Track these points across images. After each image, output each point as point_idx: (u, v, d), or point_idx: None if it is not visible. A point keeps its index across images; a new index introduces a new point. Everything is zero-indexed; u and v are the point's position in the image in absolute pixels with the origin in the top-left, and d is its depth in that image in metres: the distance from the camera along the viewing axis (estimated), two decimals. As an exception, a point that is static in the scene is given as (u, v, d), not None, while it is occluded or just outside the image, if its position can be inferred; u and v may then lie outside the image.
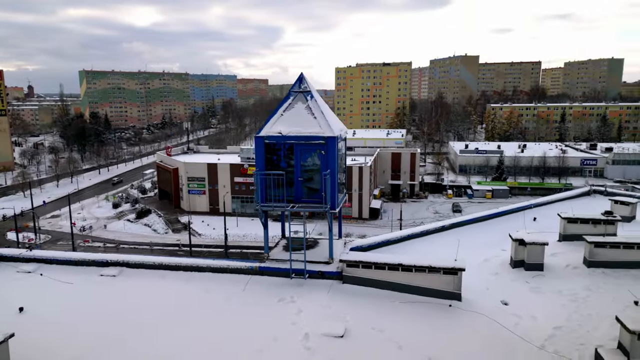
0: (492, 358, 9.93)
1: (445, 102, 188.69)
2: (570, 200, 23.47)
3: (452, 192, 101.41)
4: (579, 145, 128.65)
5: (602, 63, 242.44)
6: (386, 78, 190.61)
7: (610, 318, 11.45)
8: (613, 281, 13.66)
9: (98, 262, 14.58)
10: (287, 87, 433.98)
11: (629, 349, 8.99)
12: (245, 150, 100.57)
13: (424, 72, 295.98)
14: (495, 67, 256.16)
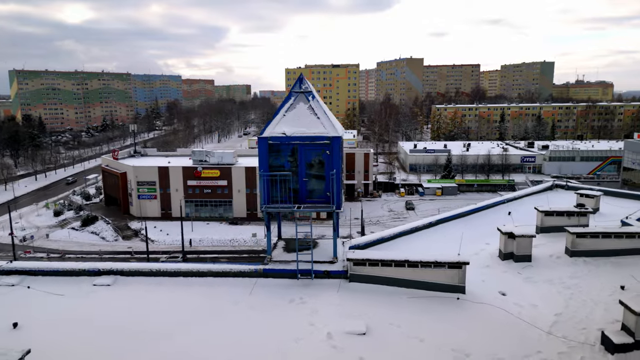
0: (509, 344, 10.42)
1: (394, 104, 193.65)
2: (536, 194, 24.96)
3: (404, 191, 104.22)
4: (518, 144, 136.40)
5: (535, 66, 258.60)
6: (336, 79, 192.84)
7: (603, 303, 12.39)
8: (595, 269, 14.73)
9: (89, 272, 13.79)
10: (234, 88, 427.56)
11: (633, 330, 9.78)
12: (198, 152, 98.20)
13: (370, 74, 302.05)
14: (438, 70, 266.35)
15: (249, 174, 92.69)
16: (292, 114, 13.48)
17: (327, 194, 13.30)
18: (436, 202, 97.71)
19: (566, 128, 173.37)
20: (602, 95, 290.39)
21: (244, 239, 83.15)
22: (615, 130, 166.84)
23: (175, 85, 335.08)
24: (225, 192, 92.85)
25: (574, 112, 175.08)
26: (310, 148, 13.12)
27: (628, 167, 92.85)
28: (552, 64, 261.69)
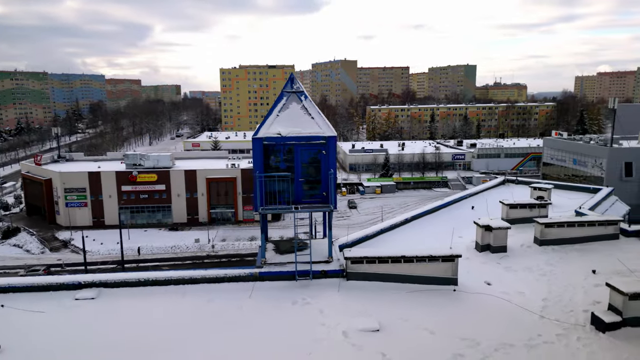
0: (511, 330, 11.05)
1: (330, 105, 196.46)
2: (491, 189, 26.58)
3: (346, 190, 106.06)
4: (448, 142, 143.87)
5: (459, 69, 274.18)
6: (272, 80, 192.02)
7: (580, 287, 13.50)
8: (565, 256, 15.99)
9: (68, 285, 12.74)
10: (163, 88, 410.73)
11: (621, 309, 10.77)
12: (131, 156, 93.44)
13: (305, 75, 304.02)
14: (371, 72, 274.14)
15: (189, 178, 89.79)
16: (285, 114, 13.34)
17: (323, 194, 13.30)
18: (377, 200, 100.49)
19: (489, 127, 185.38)
20: (518, 96, 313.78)
21: (186, 245, 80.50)
22: (532, 129, 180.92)
23: (98, 85, 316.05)
24: (164, 197, 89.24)
25: (495, 112, 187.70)
26: (306, 148, 13.07)
27: (547, 162, 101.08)
28: (475, 67, 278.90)
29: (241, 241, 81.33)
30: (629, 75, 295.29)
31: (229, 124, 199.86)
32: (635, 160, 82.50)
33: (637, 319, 10.70)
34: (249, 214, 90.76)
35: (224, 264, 72.61)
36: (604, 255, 15.70)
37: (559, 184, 27.13)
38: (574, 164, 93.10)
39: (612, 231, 16.76)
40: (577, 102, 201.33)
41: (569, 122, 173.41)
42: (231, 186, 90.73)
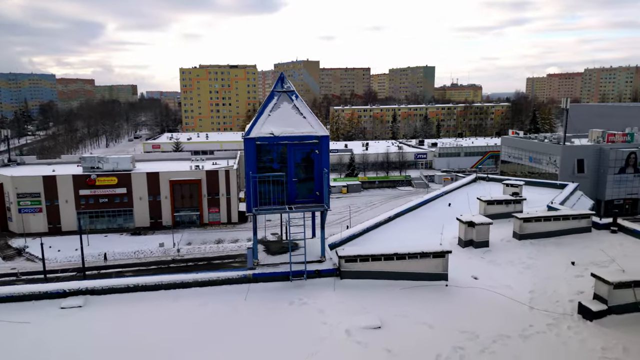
0: (506, 322, 11.43)
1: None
2: (464, 187, 27.36)
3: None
4: (410, 142, 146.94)
5: (419, 70, 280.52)
6: (234, 80, 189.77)
7: (562, 278, 14.13)
8: (543, 249, 16.69)
9: (52, 294, 12.12)
10: (118, 88, 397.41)
11: (606, 297, 11.36)
12: (88, 158, 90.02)
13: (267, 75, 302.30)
14: (333, 72, 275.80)
15: (151, 180, 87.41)
16: (277, 114, 13.24)
17: (316, 194, 13.30)
18: (343, 200, 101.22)
19: (448, 127, 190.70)
20: (474, 96, 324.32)
21: (150, 249, 78.27)
22: (488, 128, 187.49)
23: (48, 85, 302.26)
24: (125, 201, 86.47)
25: (454, 113, 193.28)
26: (299, 148, 13.02)
27: (505, 160, 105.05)
28: (433, 69, 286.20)
29: (208, 244, 79.95)
30: (577, 77, 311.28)
31: (190, 124, 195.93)
32: (587, 158, 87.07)
33: (621, 306, 11.32)
34: (214, 216, 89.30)
35: (191, 268, 71.16)
36: (579, 247, 16.51)
37: (529, 180, 28.29)
38: (530, 161, 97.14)
39: (585, 224, 17.64)
40: (529, 103, 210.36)
41: (522, 122, 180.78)
42: (196, 188, 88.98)
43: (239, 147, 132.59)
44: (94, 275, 66.91)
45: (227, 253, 76.79)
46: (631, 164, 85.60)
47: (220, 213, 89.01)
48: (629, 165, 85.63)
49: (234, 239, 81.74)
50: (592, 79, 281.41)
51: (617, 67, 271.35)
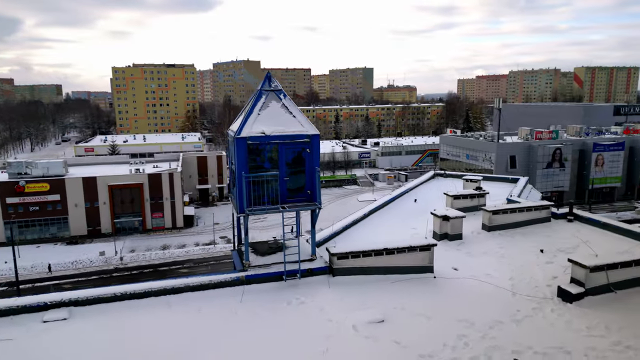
0: (496, 309, 12.09)
1: (236, 105, 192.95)
2: (425, 183, 28.40)
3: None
4: (353, 142, 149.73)
5: (358, 71, 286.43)
6: (172, 80, 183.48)
7: (535, 265, 15.14)
8: (511, 239, 17.76)
9: (32, 307, 11.22)
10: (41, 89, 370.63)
11: (583, 281, 12.35)
12: (15, 164, 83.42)
13: (205, 75, 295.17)
14: (273, 73, 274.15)
15: (88, 185, 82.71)
16: (266, 113, 13.11)
17: (307, 192, 13.31)
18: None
19: (388, 127, 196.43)
20: (409, 97, 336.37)
21: (90, 259, 74.16)
22: (425, 127, 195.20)
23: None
24: (59, 208, 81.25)
25: (393, 113, 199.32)
26: (290, 147, 12.98)
27: (444, 158, 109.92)
28: (372, 70, 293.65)
29: (153, 251, 76.92)
30: (502, 79, 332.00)
31: (124, 126, 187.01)
32: (518, 154, 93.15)
33: (596, 288, 12.35)
34: (158, 221, 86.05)
35: (136, 277, 68.19)
36: (543, 236, 17.74)
37: (486, 175, 29.88)
38: (467, 158, 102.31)
39: (546, 215, 19.00)
40: (461, 103, 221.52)
41: (456, 121, 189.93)
42: (137, 193, 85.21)
43: (180, 149, 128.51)
44: (28, 289, 62.15)
45: (174, 259, 74.33)
46: (557, 159, 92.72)
47: (164, 218, 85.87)
48: (555, 160, 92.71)
49: (180, 245, 79.26)
50: (516, 80, 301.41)
51: (538, 69, 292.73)
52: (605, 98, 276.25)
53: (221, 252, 76.51)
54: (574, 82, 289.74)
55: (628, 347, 10.10)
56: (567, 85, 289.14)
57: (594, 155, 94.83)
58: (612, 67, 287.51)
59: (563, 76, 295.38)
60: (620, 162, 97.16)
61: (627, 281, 12.61)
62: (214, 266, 71.98)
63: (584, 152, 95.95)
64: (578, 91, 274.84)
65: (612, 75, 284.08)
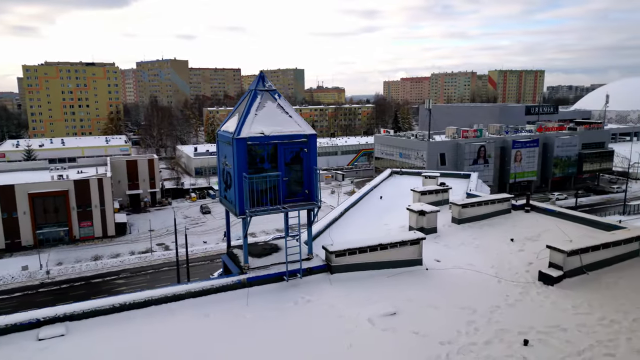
0: (488, 294, 12.93)
1: (163, 106, 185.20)
2: (384, 181, 29.30)
3: (195, 195, 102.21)
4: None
5: (289, 72, 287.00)
6: (92, 80, 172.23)
7: (509, 253, 16.32)
8: (480, 230, 18.95)
9: (23, 325, 10.23)
10: None
11: (562, 264, 13.57)
12: None
13: (127, 74, 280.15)
14: (202, 72, 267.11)
15: (4, 194, 75.97)
16: (263, 113, 12.97)
17: (305, 192, 13.36)
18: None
19: (321, 127, 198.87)
20: (338, 98, 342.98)
21: (11, 274, 68.24)
22: (357, 128, 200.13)
23: None
24: (-29, 220, 73.65)
25: (326, 113, 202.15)
26: (289, 147, 12.96)
27: (378, 157, 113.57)
28: (303, 71, 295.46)
29: (83, 262, 72.16)
30: (425, 81, 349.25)
31: (38, 129, 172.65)
32: (447, 152, 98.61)
33: (572, 271, 13.62)
34: (87, 230, 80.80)
35: (65, 291, 63.64)
36: (508, 226, 19.14)
37: (443, 172, 31.39)
38: (400, 157, 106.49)
39: (507, 207, 20.49)
40: (390, 104, 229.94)
41: (386, 121, 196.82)
42: (62, 201, 79.48)
43: (103, 153, 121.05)
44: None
45: (108, 270, 70.28)
46: (482, 155, 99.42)
47: (93, 227, 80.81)
48: (480, 156, 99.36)
49: (113, 254, 75.06)
50: (438, 82, 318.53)
51: (457, 72, 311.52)
52: (516, 99, 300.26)
53: (159, 260, 73.49)
54: (488, 84, 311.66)
55: (613, 321, 11.30)
56: (482, 87, 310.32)
57: (513, 151, 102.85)
58: (521, 70, 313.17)
59: (479, 79, 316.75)
60: (536, 157, 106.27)
61: (597, 263, 14.05)
62: (152, 275, 68.96)
63: (504, 149, 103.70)
64: (493, 92, 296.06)
65: (522, 78, 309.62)
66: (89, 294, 60.66)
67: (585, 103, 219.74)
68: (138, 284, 63.90)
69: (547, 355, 9.81)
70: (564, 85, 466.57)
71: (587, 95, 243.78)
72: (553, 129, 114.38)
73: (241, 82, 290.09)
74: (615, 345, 10.23)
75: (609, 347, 10.18)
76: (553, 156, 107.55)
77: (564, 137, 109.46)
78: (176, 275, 56.26)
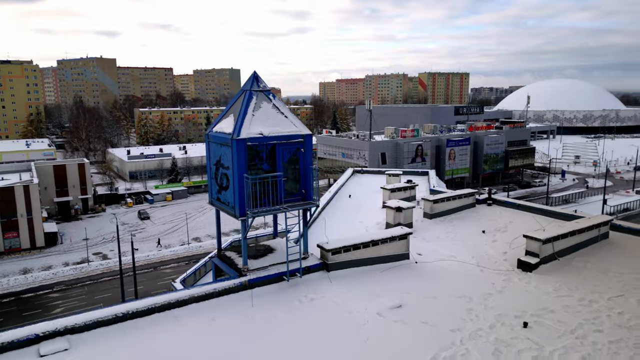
0: (477, 283, 13.76)
1: (92, 107, 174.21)
2: (348, 181, 29.82)
3: (132, 201, 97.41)
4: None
5: (225, 72, 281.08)
6: (8, 79, 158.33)
7: (484, 244, 17.39)
8: (451, 224, 19.97)
9: (20, 342, 9.43)
10: None
11: (538, 252, 14.72)
12: None
13: (46, 73, 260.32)
14: (131, 72, 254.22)
15: None
16: (260, 114, 12.88)
17: (302, 191, 13.44)
18: (170, 207, 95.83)
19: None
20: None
21: None
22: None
23: None
24: None
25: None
26: (286, 147, 12.98)
27: (322, 157, 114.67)
28: (239, 71, 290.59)
29: (10, 276, 66.46)
30: (359, 82, 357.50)
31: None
32: (387, 151, 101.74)
33: (546, 257, 14.83)
34: (12, 242, 74.50)
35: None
36: (475, 219, 20.34)
37: (405, 170, 32.47)
38: (342, 157, 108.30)
39: (472, 201, 21.75)
40: (328, 105, 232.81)
41: (325, 122, 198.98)
42: (-18, 210, 72.59)
43: (25, 158, 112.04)
44: None
45: (40, 283, 65.18)
46: (419, 154, 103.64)
47: (20, 237, 74.58)
48: (418, 155, 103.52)
49: (45, 266, 69.79)
50: (372, 84, 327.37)
51: (390, 74, 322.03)
52: (445, 100, 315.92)
53: (98, 270, 69.35)
54: (419, 86, 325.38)
55: (592, 301, 12.49)
56: (413, 88, 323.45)
57: (448, 150, 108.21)
58: (448, 73, 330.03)
59: (410, 81, 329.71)
60: (468, 155, 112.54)
61: (565, 249, 15.39)
62: (91, 286, 64.99)
63: (439, 147, 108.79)
64: (423, 94, 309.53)
65: (449, 80, 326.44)
66: (19, 311, 56.08)
67: (506, 104, 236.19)
68: (76, 297, 59.89)
69: (546, 335, 10.67)
70: (485, 87, 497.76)
71: (508, 97, 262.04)
72: (482, 128, 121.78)
73: (173, 82, 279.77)
74: (600, 322, 11.34)
75: (596, 324, 11.27)
76: (483, 153, 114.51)
77: (492, 136, 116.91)
78: (120, 285, 53.41)
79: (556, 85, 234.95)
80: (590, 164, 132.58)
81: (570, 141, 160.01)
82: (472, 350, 9.95)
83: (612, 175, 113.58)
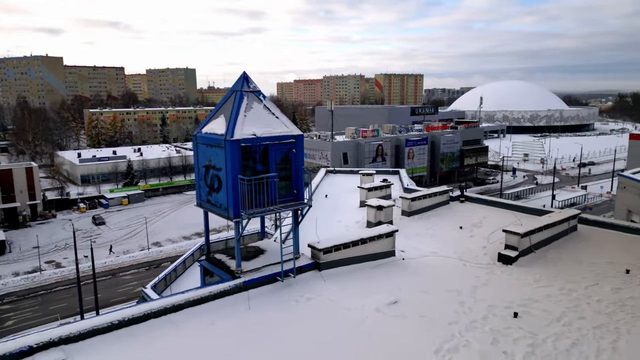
0: (464, 277, 14.27)
1: (38, 108, 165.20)
2: (322, 181, 29.95)
3: (85, 206, 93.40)
4: (186, 145, 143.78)
5: (179, 72, 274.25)
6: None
7: (463, 240, 18.03)
8: (429, 221, 20.54)
9: (14, 355, 8.92)
10: None
11: (517, 245, 15.43)
12: None
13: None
14: (78, 71, 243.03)
15: None
16: (252, 115, 12.79)
17: (294, 192, 13.46)
18: (127, 212, 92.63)
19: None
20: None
21: None
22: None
23: None
24: None
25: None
26: (279, 148, 12.96)
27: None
28: (194, 71, 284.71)
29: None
30: (317, 83, 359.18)
31: None
32: (349, 151, 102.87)
33: (524, 250, 15.58)
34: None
35: None
36: (450, 215, 21.03)
37: (378, 170, 32.96)
38: (305, 157, 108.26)
39: (446, 198, 22.46)
40: (287, 105, 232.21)
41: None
42: None
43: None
44: None
45: (-12, 295, 61.38)
46: (380, 154, 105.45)
47: (-38, 247, 69.91)
48: (379, 155, 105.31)
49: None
50: (330, 85, 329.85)
51: (347, 75, 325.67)
52: (400, 100, 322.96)
53: (51, 280, 66.12)
54: (375, 87, 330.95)
55: (571, 290, 13.26)
56: (370, 89, 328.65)
57: (407, 149, 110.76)
58: (403, 74, 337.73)
59: (367, 82, 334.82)
60: (425, 154, 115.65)
61: (541, 242, 16.23)
62: (44, 296, 61.87)
63: (398, 147, 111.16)
64: (380, 95, 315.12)
65: (404, 81, 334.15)
66: (-34, 325, 52.47)
67: (459, 104, 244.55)
68: (29, 308, 56.77)
69: (536, 324, 11.24)
70: (438, 88, 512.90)
71: (460, 98, 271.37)
72: (438, 128, 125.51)
73: (125, 81, 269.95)
74: (582, 310, 12.07)
75: (578, 311, 11.98)
76: (440, 152, 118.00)
77: (448, 135, 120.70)
78: (77, 294, 51.07)
79: (505, 87, 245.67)
80: (538, 161, 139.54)
81: (519, 140, 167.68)
82: (473, 341, 10.35)
83: (558, 172, 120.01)
